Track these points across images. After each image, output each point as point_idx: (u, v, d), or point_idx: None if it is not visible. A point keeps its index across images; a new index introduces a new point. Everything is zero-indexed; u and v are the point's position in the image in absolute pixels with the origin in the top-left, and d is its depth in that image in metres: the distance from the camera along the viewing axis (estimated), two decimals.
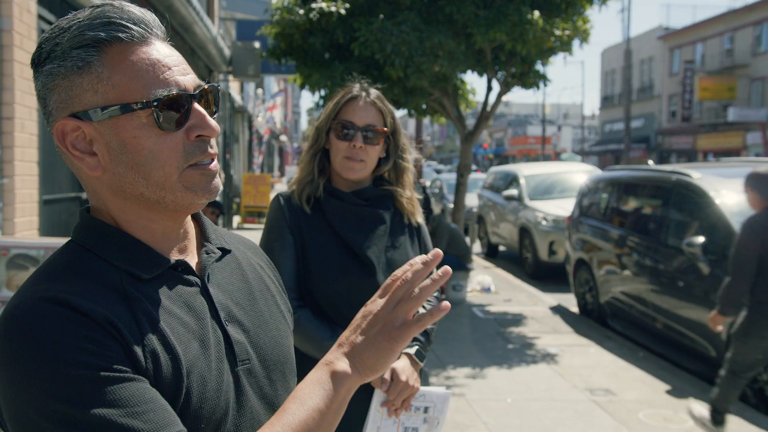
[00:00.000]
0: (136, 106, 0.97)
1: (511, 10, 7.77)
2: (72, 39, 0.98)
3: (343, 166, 2.15)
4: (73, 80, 0.98)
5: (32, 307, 0.91)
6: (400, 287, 1.01)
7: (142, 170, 0.99)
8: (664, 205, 7.16)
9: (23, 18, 4.23)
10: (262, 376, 1.10)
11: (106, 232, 1.04)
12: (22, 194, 4.19)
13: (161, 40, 1.04)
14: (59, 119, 1.00)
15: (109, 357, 0.89)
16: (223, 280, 1.12)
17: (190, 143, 1.01)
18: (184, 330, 1.00)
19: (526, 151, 57.08)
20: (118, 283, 0.98)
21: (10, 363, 0.88)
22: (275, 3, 9.06)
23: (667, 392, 5.59)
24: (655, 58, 42.08)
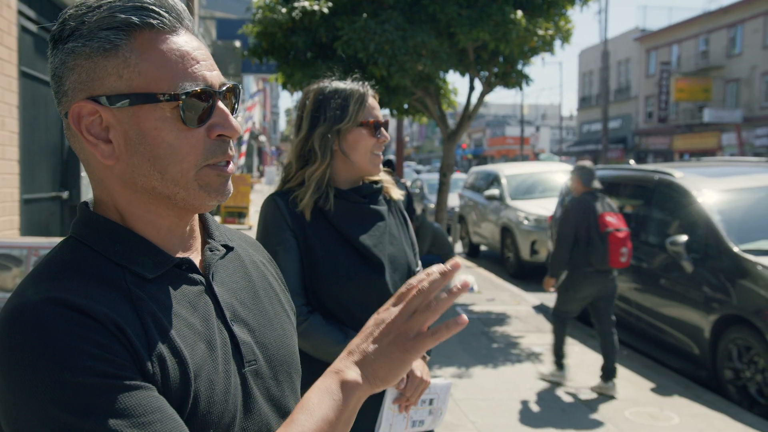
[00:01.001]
0: (163, 97, 0.93)
1: (494, 9, 7.79)
2: (101, 19, 0.93)
3: (373, 162, 2.13)
4: (97, 62, 0.93)
5: (34, 309, 0.85)
6: (415, 297, 0.98)
7: (159, 164, 0.95)
8: (646, 204, 7.21)
9: (3, 13, 4.14)
10: (269, 377, 1.06)
11: (109, 228, 0.99)
12: (2, 193, 4.10)
13: (189, 32, 1.00)
14: (76, 101, 0.95)
15: (115, 363, 0.85)
16: (227, 278, 1.08)
17: (210, 141, 0.97)
18: (190, 332, 0.96)
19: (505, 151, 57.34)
20: (122, 283, 0.94)
21: (10, 368, 0.83)
22: (257, 2, 8.99)
23: (652, 390, 5.62)
24: (631, 59, 42.51)
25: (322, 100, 2.12)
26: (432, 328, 0.98)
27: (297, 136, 2.16)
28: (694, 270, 6.02)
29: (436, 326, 0.97)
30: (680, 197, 6.59)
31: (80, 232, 0.99)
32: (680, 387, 5.71)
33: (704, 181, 6.60)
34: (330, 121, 2.10)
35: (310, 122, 2.13)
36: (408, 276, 2.17)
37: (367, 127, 2.11)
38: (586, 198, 5.72)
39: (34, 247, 3.44)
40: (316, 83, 2.20)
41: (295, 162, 2.16)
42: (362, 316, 2.05)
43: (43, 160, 5.34)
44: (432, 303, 0.97)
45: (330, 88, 2.14)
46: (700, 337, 5.86)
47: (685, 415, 5.07)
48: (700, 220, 6.15)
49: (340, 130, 2.10)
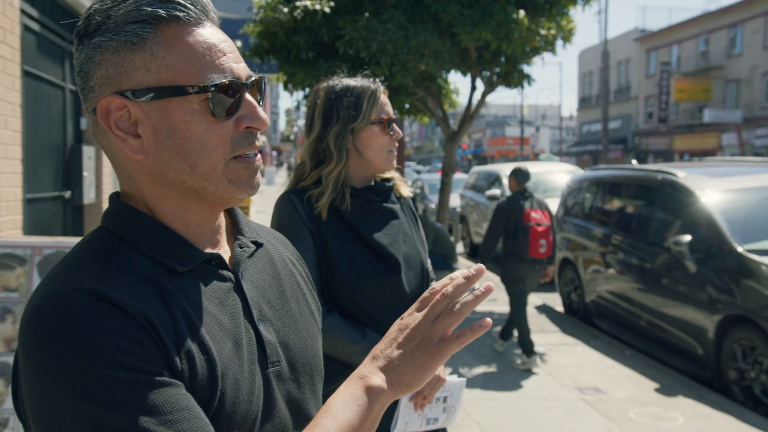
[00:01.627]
0: (192, 89, 0.92)
1: (497, 9, 7.77)
2: (128, 13, 0.92)
3: (388, 159, 2.13)
4: (125, 56, 0.92)
5: (63, 299, 0.84)
6: (439, 302, 0.97)
7: (189, 157, 0.94)
8: (649, 204, 7.20)
9: (6, 12, 4.12)
10: (290, 379, 1.05)
11: (140, 219, 0.98)
12: (6, 192, 4.08)
13: (215, 24, 0.99)
14: (104, 96, 0.93)
15: (145, 357, 0.83)
16: (255, 275, 1.06)
17: (238, 133, 0.96)
18: (218, 329, 0.94)
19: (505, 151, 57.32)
20: (153, 275, 0.92)
21: (37, 359, 0.82)
22: (258, 1, 8.98)
23: (656, 390, 5.61)
24: (631, 59, 42.51)
25: (334, 99, 2.10)
26: (456, 332, 0.97)
27: (309, 136, 2.14)
28: (697, 270, 6.00)
29: (460, 330, 0.97)
30: (683, 197, 6.58)
31: (111, 222, 0.99)
32: (684, 387, 5.69)
33: (707, 181, 6.59)
34: (344, 120, 2.08)
35: (322, 121, 2.11)
36: (422, 274, 2.16)
37: (380, 124, 2.10)
38: (516, 196, 6.46)
39: (38, 246, 3.42)
40: (326, 81, 2.18)
41: (308, 161, 2.14)
42: (378, 314, 2.04)
43: (46, 159, 5.32)
44: (455, 307, 0.96)
45: (341, 85, 2.12)
46: (704, 338, 5.85)
47: (689, 415, 5.05)
48: (704, 220, 6.14)
49: (354, 129, 2.08)
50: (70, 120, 5.98)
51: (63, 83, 5.79)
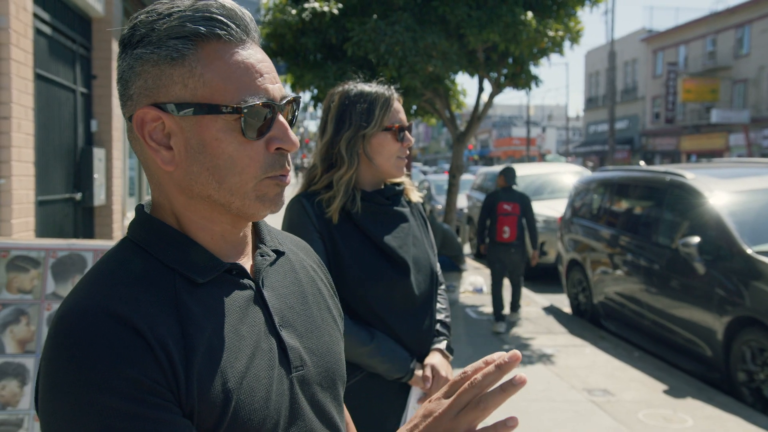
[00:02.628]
0: (226, 109, 0.94)
1: (504, 11, 7.78)
2: (171, 28, 0.94)
3: (397, 166, 2.15)
4: (164, 70, 0.94)
5: (88, 316, 0.88)
6: (467, 391, 0.91)
7: (218, 173, 0.96)
8: (657, 205, 7.19)
9: (20, 16, 4.16)
10: (315, 383, 1.06)
11: (163, 231, 1.01)
12: (18, 195, 4.12)
13: (255, 43, 1.01)
14: (141, 106, 0.96)
15: (150, 388, 0.86)
16: (277, 283, 1.08)
17: (269, 155, 0.98)
18: (235, 339, 0.97)
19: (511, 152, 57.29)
20: (171, 289, 0.95)
21: (56, 370, 0.86)
22: (266, 3, 9.01)
23: (665, 392, 5.61)
24: (638, 60, 42.42)
25: (348, 104, 2.13)
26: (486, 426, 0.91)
27: (322, 139, 2.17)
28: (706, 272, 6.00)
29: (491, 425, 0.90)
30: (692, 198, 6.58)
31: (135, 233, 1.02)
32: (693, 389, 5.69)
33: (716, 182, 6.58)
34: (356, 125, 2.10)
35: (335, 126, 2.14)
36: (431, 277, 2.18)
37: (392, 131, 2.12)
38: (498, 191, 7.93)
39: (52, 248, 3.45)
40: (341, 85, 2.21)
41: (320, 164, 2.16)
42: (387, 316, 2.07)
43: (57, 162, 5.36)
44: (483, 400, 0.90)
45: (355, 91, 2.14)
46: (713, 339, 5.84)
47: (698, 417, 5.05)
48: (713, 222, 6.13)
49: (365, 135, 2.10)
50: (80, 123, 6.02)
51: (74, 86, 5.83)
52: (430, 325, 2.17)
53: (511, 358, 0.90)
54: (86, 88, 6.21)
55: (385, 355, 2.03)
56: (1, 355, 3.31)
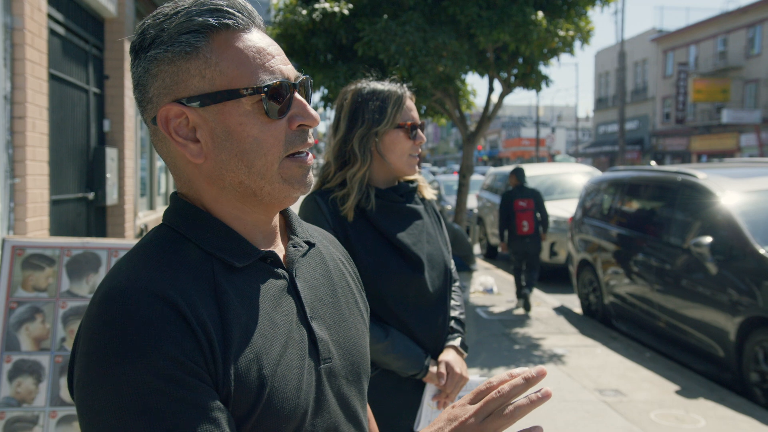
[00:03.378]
0: (246, 92, 0.96)
1: (515, 10, 7.77)
2: (180, 24, 0.97)
3: (409, 164, 2.16)
4: (180, 65, 0.96)
5: (131, 295, 0.89)
6: (493, 400, 0.92)
7: (246, 158, 0.98)
8: (668, 205, 7.17)
9: (34, 16, 4.19)
10: (341, 376, 1.07)
11: (200, 216, 1.02)
12: (33, 194, 4.15)
13: (261, 29, 1.03)
14: (162, 105, 0.98)
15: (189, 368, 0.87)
16: (308, 274, 1.09)
17: (291, 132, 1.00)
18: (270, 326, 0.98)
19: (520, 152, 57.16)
20: (210, 273, 0.97)
21: (98, 347, 0.87)
22: (276, 3, 9.04)
23: (677, 392, 5.59)
24: (648, 60, 42.25)
25: (361, 102, 2.14)
26: None
27: (335, 137, 2.18)
28: (718, 272, 5.97)
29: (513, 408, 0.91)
30: (704, 198, 6.55)
31: (172, 219, 1.03)
32: (705, 390, 5.67)
33: (728, 182, 6.55)
34: (368, 123, 2.12)
35: (348, 123, 2.15)
36: (445, 274, 2.19)
37: (404, 129, 2.13)
38: (514, 190, 8.87)
39: (67, 247, 3.47)
40: (355, 83, 2.22)
41: (333, 162, 2.17)
42: (402, 313, 2.07)
43: (70, 161, 5.40)
44: (508, 409, 0.91)
45: (368, 89, 2.15)
46: (725, 340, 5.82)
47: (711, 417, 5.03)
48: (725, 222, 6.11)
49: (377, 132, 2.12)
50: (93, 122, 6.05)
51: (87, 86, 5.87)
52: (445, 321, 2.17)
53: (539, 373, 0.93)
54: (99, 89, 6.25)
55: (400, 351, 2.03)
56: (17, 353, 3.34)
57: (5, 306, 3.36)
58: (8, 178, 3.98)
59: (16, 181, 4.02)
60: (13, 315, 3.36)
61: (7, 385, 3.30)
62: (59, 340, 3.38)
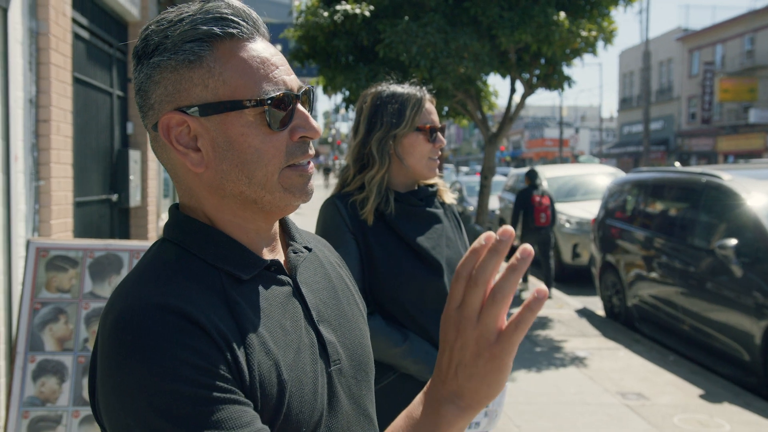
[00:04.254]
0: (249, 103, 0.96)
1: (537, 11, 7.73)
2: (184, 32, 0.96)
3: (429, 167, 2.16)
4: (183, 74, 0.96)
5: (144, 313, 0.88)
6: (471, 291, 0.81)
7: (247, 168, 0.97)
8: (693, 206, 7.08)
9: (59, 21, 4.25)
10: (351, 376, 1.08)
11: (201, 230, 1.02)
12: (57, 196, 4.20)
13: (265, 39, 1.03)
14: (164, 113, 0.98)
15: (214, 373, 0.87)
16: (310, 279, 1.10)
17: (292, 143, 1.00)
18: (282, 333, 0.98)
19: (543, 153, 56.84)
20: (219, 285, 0.96)
21: (119, 369, 0.87)
22: (298, 5, 9.07)
23: (701, 396, 5.52)
24: (674, 59, 41.78)
25: (380, 105, 2.14)
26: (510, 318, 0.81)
27: (354, 140, 2.18)
28: (743, 274, 5.89)
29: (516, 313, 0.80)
30: (729, 200, 6.46)
31: (174, 234, 1.02)
32: (730, 394, 5.59)
33: (754, 184, 6.46)
34: (387, 125, 2.12)
35: (367, 126, 2.15)
36: None
37: (423, 132, 2.13)
38: (529, 188, 10.10)
39: (90, 249, 3.52)
40: (375, 86, 2.22)
41: (352, 165, 2.18)
42: (420, 317, 2.07)
43: (94, 163, 5.46)
44: (497, 291, 0.79)
45: (387, 92, 2.15)
46: (751, 343, 5.73)
47: (736, 422, 4.96)
48: (750, 224, 6.02)
49: (396, 135, 2.11)
50: (117, 125, 6.12)
51: (111, 89, 5.94)
52: None
53: (502, 234, 0.80)
54: (122, 92, 6.32)
55: (418, 356, 2.03)
56: (41, 353, 3.39)
57: (30, 307, 3.41)
58: (33, 180, 4.04)
59: (40, 183, 4.08)
60: (37, 316, 3.41)
61: (32, 384, 3.35)
62: (82, 340, 3.43)
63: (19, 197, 3.84)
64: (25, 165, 3.93)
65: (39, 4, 4.08)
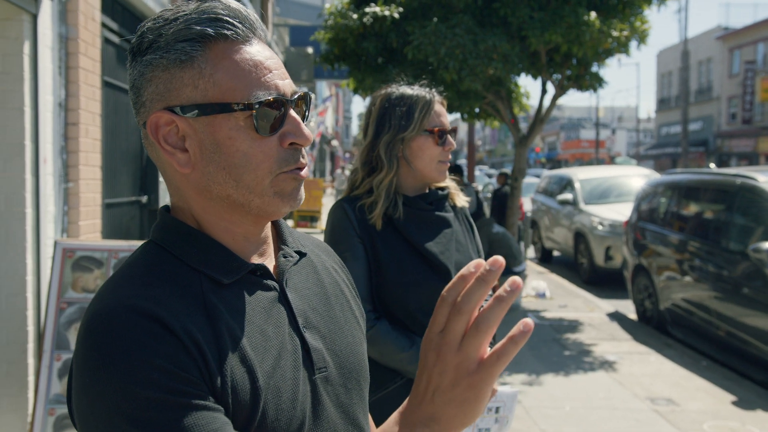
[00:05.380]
0: (237, 106, 0.94)
1: (567, 11, 7.65)
2: (178, 32, 0.95)
3: (438, 170, 2.14)
4: (174, 73, 0.95)
5: (116, 316, 0.88)
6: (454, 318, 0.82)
7: (234, 172, 0.96)
8: (727, 209, 6.93)
9: (88, 26, 4.33)
10: (339, 384, 1.06)
11: (187, 233, 1.01)
12: (86, 198, 4.28)
13: (262, 41, 1.01)
14: (154, 111, 0.98)
15: (184, 378, 0.86)
16: (300, 284, 1.08)
17: (283, 150, 0.98)
18: (262, 339, 0.97)
19: (579, 155, 56.20)
20: (198, 289, 0.96)
21: (89, 370, 0.87)
22: (329, 8, 9.12)
23: (733, 403, 5.40)
24: (713, 59, 40.98)
25: (388, 107, 2.12)
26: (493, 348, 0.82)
27: (363, 143, 2.18)
28: None
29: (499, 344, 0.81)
30: (764, 202, 6.32)
31: (159, 236, 1.02)
32: (764, 401, 5.46)
33: None
34: (395, 128, 2.10)
35: (375, 129, 2.14)
36: None
37: (432, 134, 2.10)
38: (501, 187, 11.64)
39: (114, 249, 3.58)
40: (384, 89, 2.20)
41: (361, 169, 2.16)
42: (427, 323, 2.05)
43: (123, 165, 5.55)
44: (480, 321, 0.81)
45: (396, 94, 2.13)
46: None
47: None
48: None
49: (404, 138, 2.09)
50: None
51: None
52: None
53: (492, 264, 0.81)
54: None
55: None
56: (67, 352, 3.46)
57: (56, 306, 3.48)
58: (62, 182, 4.12)
59: (69, 185, 4.16)
60: (63, 315, 3.48)
61: (57, 382, 3.42)
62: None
63: (48, 199, 3.92)
64: (54, 167, 4.01)
65: (69, 9, 4.17)
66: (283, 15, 20.99)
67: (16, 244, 3.68)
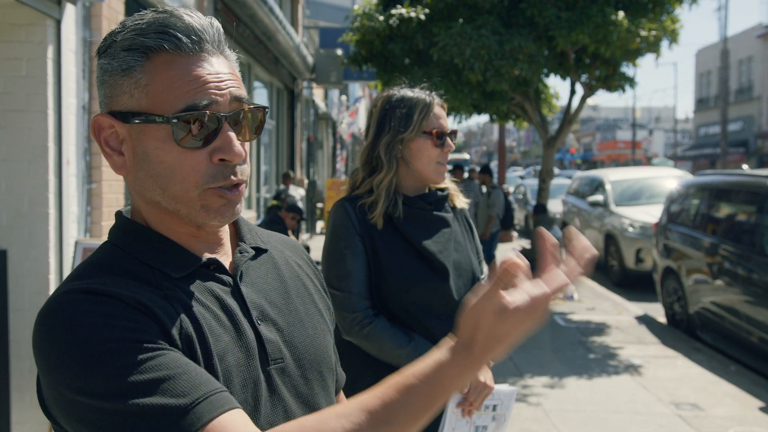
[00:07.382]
0: (159, 119, 0.97)
1: (595, 11, 7.59)
2: (125, 40, 0.99)
3: (437, 171, 2.17)
4: (117, 80, 1.00)
5: (64, 298, 0.93)
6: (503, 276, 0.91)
7: (160, 181, 1.00)
8: (759, 211, 6.79)
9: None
10: (297, 375, 1.08)
11: (139, 231, 1.05)
12: (109, 199, 4.38)
13: (217, 55, 1.02)
14: (100, 113, 1.03)
15: (142, 331, 0.90)
16: (257, 279, 1.11)
17: (212, 165, 0.99)
18: (216, 323, 1.00)
19: (616, 156, 55.49)
20: (152, 279, 1.00)
21: (47, 351, 0.90)
22: (356, 9, 9.17)
23: (761, 409, 5.29)
24: (754, 57, 40.13)
25: (389, 109, 2.17)
26: None
27: (364, 143, 2.22)
28: None
29: None
30: None
31: (115, 236, 1.07)
32: None
33: None
34: (394, 129, 2.14)
35: (376, 130, 2.18)
36: (472, 282, 2.18)
37: (431, 136, 2.14)
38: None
39: None
40: (387, 90, 2.25)
41: (361, 169, 2.21)
42: (426, 319, 2.09)
43: None
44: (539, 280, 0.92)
45: (397, 96, 2.17)
46: None
47: None
48: None
49: (403, 139, 2.13)
50: None
51: None
52: None
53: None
54: None
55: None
56: None
57: None
58: (85, 183, 4.22)
59: (92, 186, 4.26)
60: None
61: None
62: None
63: (71, 200, 4.02)
64: (77, 169, 4.11)
65: (92, 14, 4.26)
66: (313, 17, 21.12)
67: (39, 243, 3.78)
